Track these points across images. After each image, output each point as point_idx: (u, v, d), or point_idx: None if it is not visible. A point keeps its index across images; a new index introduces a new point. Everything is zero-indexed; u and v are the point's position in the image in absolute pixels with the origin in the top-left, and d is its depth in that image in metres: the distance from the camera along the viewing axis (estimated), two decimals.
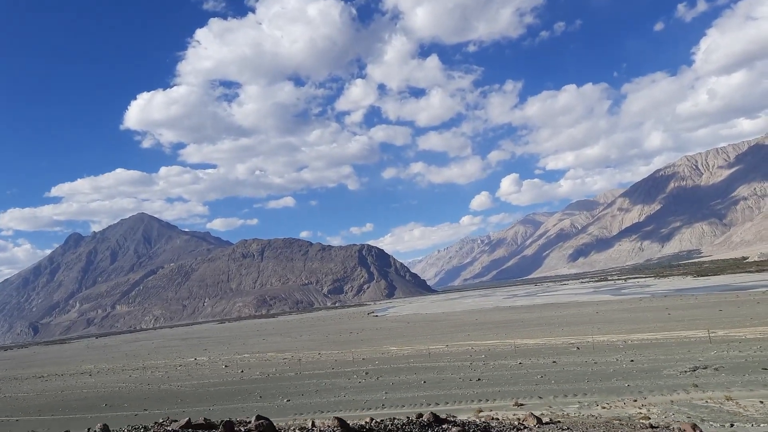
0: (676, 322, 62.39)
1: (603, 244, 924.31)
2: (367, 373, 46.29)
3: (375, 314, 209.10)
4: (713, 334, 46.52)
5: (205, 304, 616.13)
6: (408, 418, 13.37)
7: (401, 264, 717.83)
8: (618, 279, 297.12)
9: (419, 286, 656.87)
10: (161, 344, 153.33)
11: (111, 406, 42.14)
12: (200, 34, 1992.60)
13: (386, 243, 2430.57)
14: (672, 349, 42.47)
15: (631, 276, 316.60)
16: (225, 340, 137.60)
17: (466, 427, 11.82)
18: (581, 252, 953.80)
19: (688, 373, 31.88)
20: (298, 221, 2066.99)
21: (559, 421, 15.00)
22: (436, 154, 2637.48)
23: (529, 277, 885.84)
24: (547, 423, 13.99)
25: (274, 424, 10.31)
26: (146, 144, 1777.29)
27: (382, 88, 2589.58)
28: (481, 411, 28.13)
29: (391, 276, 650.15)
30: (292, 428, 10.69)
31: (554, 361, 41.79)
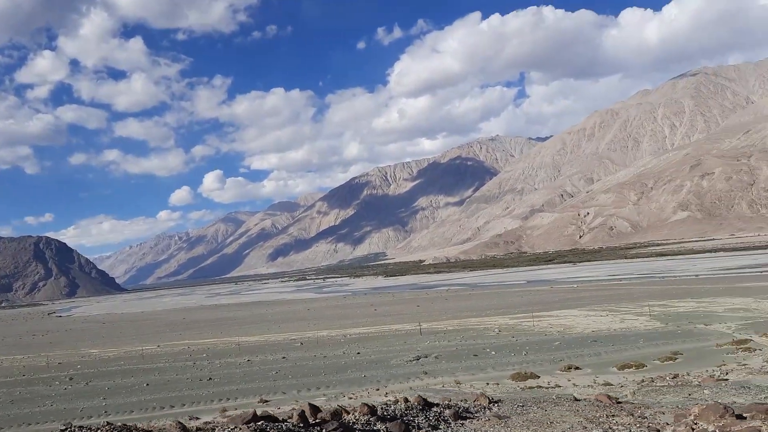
0: (384, 317, 67.93)
1: (302, 244, 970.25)
2: (71, 379, 40.13)
3: (58, 315, 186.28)
4: (420, 327, 51.59)
5: None
6: (399, 403, 14.18)
7: (86, 260, 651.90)
8: (317, 278, 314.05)
9: (107, 285, 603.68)
10: None
11: None
12: None
13: (69, 236, 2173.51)
14: (389, 341, 45.80)
15: (328, 276, 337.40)
16: None
17: (456, 408, 12.82)
18: (281, 252, 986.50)
19: (413, 362, 34.56)
20: None
21: (500, 400, 15.31)
22: (135, 142, 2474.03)
23: (229, 275, 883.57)
24: (496, 401, 14.97)
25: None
26: None
27: (75, 64, 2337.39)
28: (225, 410, 26.30)
29: (74, 273, 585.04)
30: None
31: (284, 357, 41.63)
